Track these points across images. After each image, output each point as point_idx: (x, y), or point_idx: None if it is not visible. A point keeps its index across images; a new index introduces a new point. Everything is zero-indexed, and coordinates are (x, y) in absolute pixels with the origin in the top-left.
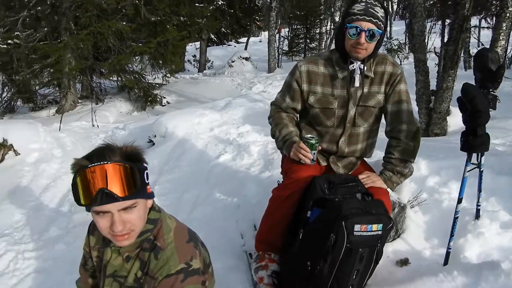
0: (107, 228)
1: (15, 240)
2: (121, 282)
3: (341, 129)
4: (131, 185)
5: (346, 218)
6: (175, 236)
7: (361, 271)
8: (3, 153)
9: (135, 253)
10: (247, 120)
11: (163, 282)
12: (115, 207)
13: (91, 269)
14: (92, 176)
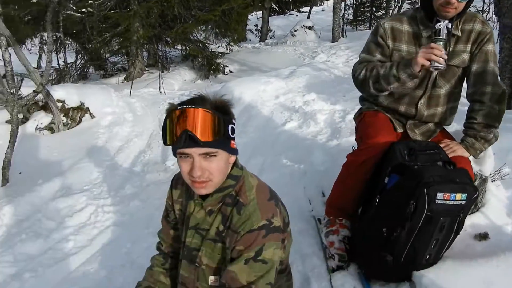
0: (187, 173)
1: (94, 195)
2: (202, 234)
3: (421, 90)
4: (214, 133)
5: (429, 185)
6: (257, 193)
7: (440, 241)
8: (80, 115)
9: (217, 207)
10: (313, 89)
11: (245, 236)
12: (196, 152)
13: (173, 221)
14: (179, 118)
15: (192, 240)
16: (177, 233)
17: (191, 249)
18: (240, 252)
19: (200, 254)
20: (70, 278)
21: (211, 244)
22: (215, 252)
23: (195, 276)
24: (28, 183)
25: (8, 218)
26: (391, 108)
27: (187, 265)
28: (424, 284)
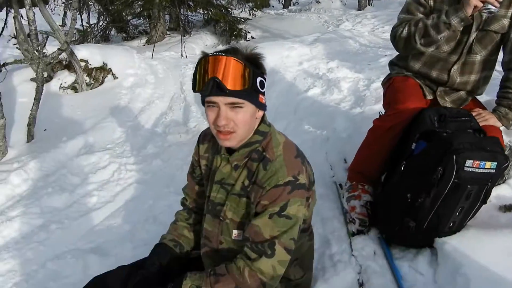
0: (213, 122)
1: (117, 154)
2: (227, 189)
3: (456, 55)
4: (242, 82)
5: (458, 152)
6: (284, 150)
7: (465, 209)
8: (103, 76)
9: (243, 163)
10: (337, 56)
11: (270, 191)
12: (223, 100)
13: (198, 177)
14: (209, 65)
15: (217, 195)
16: (201, 188)
17: (215, 203)
18: (264, 206)
19: (225, 209)
20: (95, 231)
21: (236, 199)
22: (240, 207)
23: (219, 230)
24: (52, 140)
25: (34, 172)
26: (422, 73)
27: (211, 219)
28: (446, 251)
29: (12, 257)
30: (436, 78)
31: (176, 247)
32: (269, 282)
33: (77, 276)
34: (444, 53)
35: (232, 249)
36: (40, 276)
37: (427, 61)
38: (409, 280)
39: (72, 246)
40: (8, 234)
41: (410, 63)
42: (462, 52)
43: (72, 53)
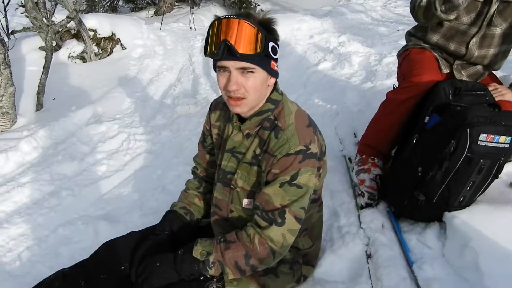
0: (224, 87)
1: (126, 124)
2: (239, 158)
3: (475, 28)
4: (253, 46)
5: (472, 126)
6: (296, 119)
7: (476, 184)
8: (111, 46)
9: (255, 131)
10: (349, 30)
11: (282, 160)
12: (234, 65)
13: (209, 146)
14: (220, 27)
15: (228, 164)
16: (212, 158)
17: (226, 172)
18: (275, 175)
19: (236, 177)
20: (104, 199)
21: (247, 167)
22: (251, 175)
23: (229, 199)
24: (61, 109)
25: (43, 140)
26: (439, 45)
27: (222, 188)
28: (455, 225)
29: (24, 221)
30: (454, 51)
31: (187, 215)
32: (278, 250)
33: (87, 242)
34: (463, 24)
35: (242, 218)
36: (51, 241)
37: (446, 33)
38: (417, 253)
39: (82, 213)
40: (19, 200)
41: (429, 35)
42: (482, 24)
43: (80, 22)
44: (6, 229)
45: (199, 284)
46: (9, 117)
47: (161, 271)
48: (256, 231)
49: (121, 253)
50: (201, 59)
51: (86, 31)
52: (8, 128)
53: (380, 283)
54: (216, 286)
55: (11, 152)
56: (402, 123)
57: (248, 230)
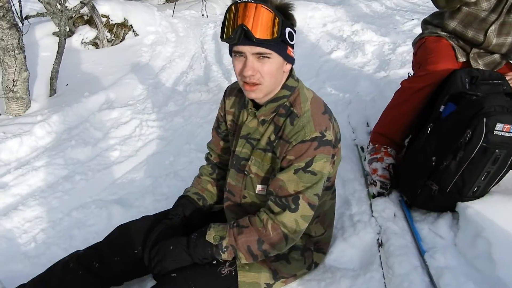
0: (240, 72)
1: (139, 110)
2: (253, 144)
3: (495, 15)
4: (269, 31)
5: (489, 115)
6: (312, 105)
7: (491, 174)
8: (124, 32)
9: (270, 117)
10: (362, 19)
11: (297, 146)
12: (250, 50)
13: (223, 132)
14: (237, 12)
15: (242, 150)
16: (226, 144)
17: (240, 158)
18: (290, 161)
19: (249, 163)
20: (117, 183)
21: (261, 154)
22: (265, 162)
23: (243, 185)
24: (74, 95)
25: (57, 125)
26: (457, 32)
27: (235, 173)
28: (468, 215)
29: (38, 204)
30: (472, 38)
31: (200, 200)
32: (291, 236)
33: (101, 225)
34: (483, 11)
35: (255, 203)
36: (65, 224)
37: (464, 19)
38: (429, 242)
39: (96, 197)
40: (34, 183)
41: (446, 21)
42: (501, 11)
43: (93, 7)
44: (21, 211)
45: (211, 268)
46: (23, 102)
47: (174, 254)
48: (269, 216)
49: (134, 237)
50: (213, 46)
51: (99, 17)
52: (22, 113)
53: (391, 271)
54: (228, 270)
55: (25, 136)
56: (416, 112)
57: (261, 215)
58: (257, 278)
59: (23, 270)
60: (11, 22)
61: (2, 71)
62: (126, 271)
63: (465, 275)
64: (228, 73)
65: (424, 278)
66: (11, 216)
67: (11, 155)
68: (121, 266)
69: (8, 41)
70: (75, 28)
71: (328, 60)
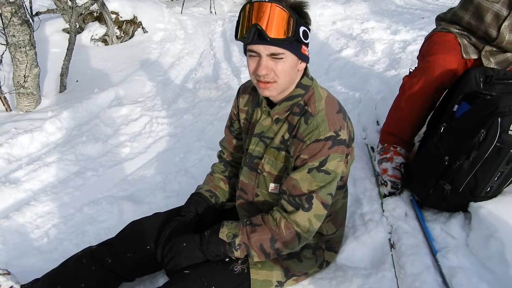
0: (254, 71)
1: (148, 107)
2: (266, 142)
3: (507, 10)
4: (283, 31)
5: (504, 115)
6: (326, 104)
7: (504, 174)
8: (133, 29)
9: (284, 116)
10: (372, 17)
11: (311, 145)
12: (264, 50)
13: (236, 130)
14: (251, 11)
15: (256, 148)
16: (239, 142)
17: (253, 156)
18: (304, 160)
19: (263, 162)
20: (128, 180)
21: (275, 152)
22: (278, 160)
23: (255, 183)
24: (84, 91)
25: (67, 121)
26: (472, 26)
27: (248, 172)
28: (481, 215)
29: (50, 200)
30: (485, 33)
31: (212, 198)
32: (304, 234)
33: (112, 221)
34: (496, 3)
35: (267, 202)
36: (77, 219)
37: (475, 11)
38: (441, 242)
39: (107, 193)
40: (45, 179)
41: (459, 13)
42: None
43: (103, 4)
44: (33, 207)
45: (224, 265)
46: (33, 98)
47: (187, 251)
48: (283, 215)
49: (147, 233)
50: (222, 44)
51: (108, 14)
52: (32, 109)
53: (403, 271)
54: (241, 268)
55: (36, 132)
56: (421, 108)
57: (274, 214)
58: (269, 276)
59: (36, 265)
60: (22, 19)
61: (13, 67)
62: (138, 267)
63: (478, 276)
64: (237, 70)
65: (436, 278)
66: (24, 211)
67: (22, 151)
68: (134, 262)
69: (20, 37)
70: (84, 24)
71: (337, 58)
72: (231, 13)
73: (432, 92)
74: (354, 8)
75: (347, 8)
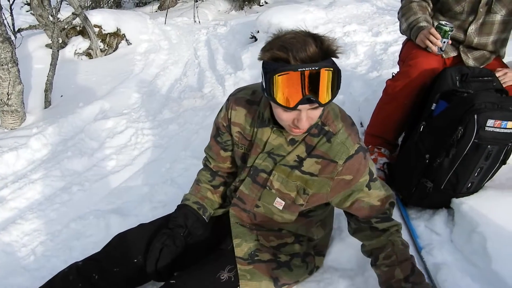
0: (290, 121)
1: (134, 119)
2: (276, 159)
3: (472, 15)
4: (333, 92)
5: (479, 112)
6: (343, 120)
7: (484, 170)
8: (117, 42)
9: (301, 137)
10: (354, 20)
11: (347, 164)
12: (306, 107)
13: (225, 143)
14: (299, 80)
15: (262, 163)
16: (227, 153)
17: (259, 170)
18: (350, 182)
19: (272, 178)
20: (115, 193)
21: (286, 170)
22: (290, 179)
23: (257, 196)
24: (69, 106)
25: (53, 137)
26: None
27: (251, 183)
28: (463, 211)
29: (36, 217)
30: (454, 36)
31: (200, 210)
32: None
33: (99, 235)
34: (459, 14)
35: (268, 212)
36: (64, 236)
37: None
38: (425, 239)
39: (93, 207)
40: (31, 196)
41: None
42: (478, 11)
43: (86, 18)
44: (20, 225)
45: (210, 274)
46: (18, 115)
47: None
48: (393, 233)
49: (133, 246)
50: (206, 52)
51: (91, 28)
52: (17, 126)
53: None
54: (227, 276)
55: (21, 149)
56: (404, 109)
57: (392, 240)
58: (258, 287)
59: (23, 284)
60: (3, 36)
61: None
62: (127, 281)
63: (462, 270)
64: (222, 78)
65: None
66: (10, 230)
67: (8, 169)
68: (121, 277)
69: (1, 55)
70: (68, 39)
71: None
72: (215, 22)
73: (415, 94)
74: (336, 12)
75: (329, 12)
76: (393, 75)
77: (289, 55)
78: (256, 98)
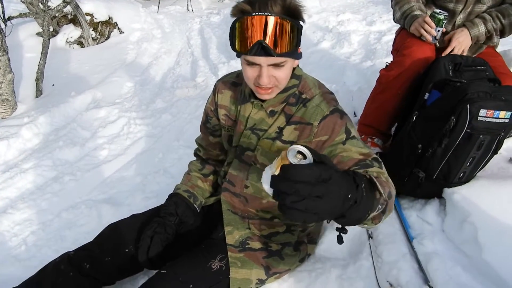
0: (253, 79)
1: (126, 108)
2: (259, 134)
3: (460, 4)
4: (288, 43)
5: (472, 101)
6: (319, 88)
7: (476, 159)
8: (109, 30)
9: (280, 108)
10: (348, 8)
11: (321, 125)
12: (266, 61)
13: (213, 127)
14: (252, 26)
15: (247, 140)
16: (216, 139)
17: (244, 148)
18: (326, 142)
19: (256, 154)
20: (107, 182)
21: (269, 143)
22: (272, 150)
23: (245, 175)
24: (61, 95)
25: (44, 126)
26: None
27: (238, 163)
28: (454, 200)
29: (27, 207)
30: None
31: (191, 198)
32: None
33: (91, 225)
34: (448, 2)
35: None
36: (55, 225)
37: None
38: (417, 229)
39: (85, 197)
40: (23, 186)
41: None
42: (467, 1)
43: (77, 6)
44: (11, 215)
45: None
46: (9, 104)
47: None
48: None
49: (125, 236)
50: (200, 41)
51: (82, 16)
52: (8, 115)
53: (380, 259)
54: (218, 265)
55: (12, 139)
56: (398, 99)
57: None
58: (249, 275)
59: (14, 273)
60: None
61: None
62: (118, 271)
63: (453, 260)
64: (215, 68)
65: (412, 265)
66: (0, 220)
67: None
68: (113, 266)
69: None
70: (59, 27)
71: (314, 52)
72: (208, 10)
73: (409, 84)
74: (330, 0)
75: (323, 1)
76: (387, 64)
77: (254, 7)
78: (240, 80)
